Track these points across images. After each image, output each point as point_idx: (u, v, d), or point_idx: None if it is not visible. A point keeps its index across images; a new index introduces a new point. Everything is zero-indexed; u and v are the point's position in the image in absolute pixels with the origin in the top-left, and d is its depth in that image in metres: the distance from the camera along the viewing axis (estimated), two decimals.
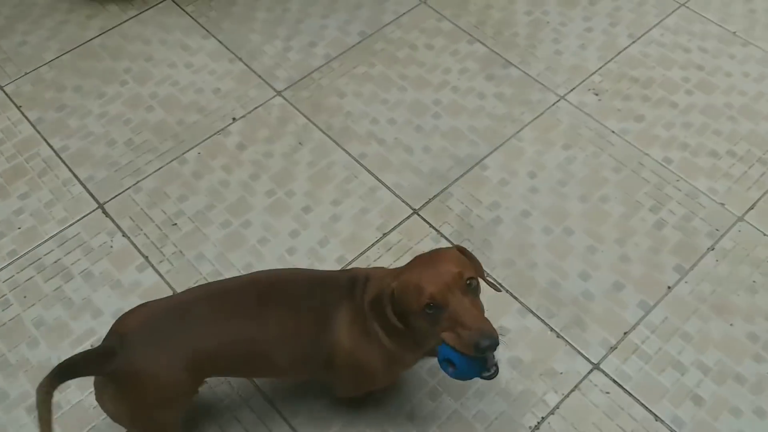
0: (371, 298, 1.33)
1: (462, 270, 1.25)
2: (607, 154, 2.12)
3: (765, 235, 1.95)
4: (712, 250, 1.93)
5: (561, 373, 1.74)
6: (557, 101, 2.25)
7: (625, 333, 1.79)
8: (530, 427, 1.66)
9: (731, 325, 1.80)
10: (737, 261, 1.90)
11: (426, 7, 2.51)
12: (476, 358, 1.24)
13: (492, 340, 1.19)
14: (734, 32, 2.40)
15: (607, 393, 1.70)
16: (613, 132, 2.17)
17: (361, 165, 2.12)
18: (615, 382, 1.72)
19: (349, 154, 2.15)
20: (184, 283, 1.88)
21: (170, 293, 1.86)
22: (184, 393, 1.40)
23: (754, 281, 1.87)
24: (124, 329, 1.35)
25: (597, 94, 2.26)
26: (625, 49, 2.37)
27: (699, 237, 1.95)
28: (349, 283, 1.41)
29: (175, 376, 1.34)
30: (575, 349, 1.76)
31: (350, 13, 2.50)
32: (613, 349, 1.77)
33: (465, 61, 2.35)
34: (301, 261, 1.92)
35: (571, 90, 2.27)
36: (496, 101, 2.25)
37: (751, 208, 2.00)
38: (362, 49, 2.40)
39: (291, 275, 1.49)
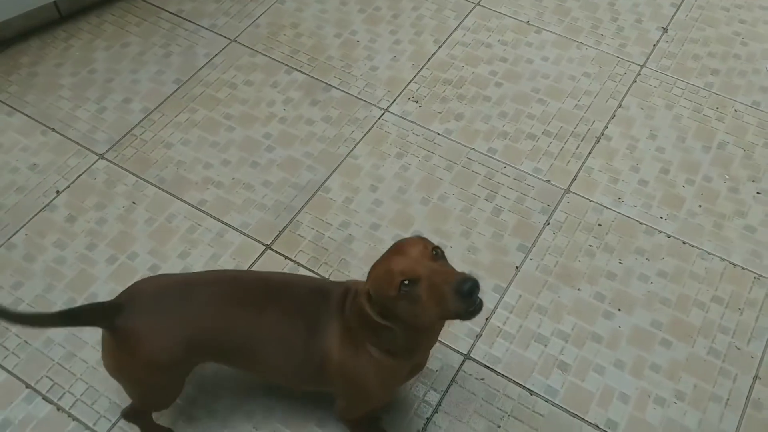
0: (354, 309, 1.34)
1: (425, 242, 1.28)
2: (438, 156, 2.21)
3: (590, 201, 2.11)
4: (548, 224, 2.06)
5: (436, 371, 1.79)
6: (382, 114, 2.32)
7: (486, 319, 1.88)
8: (418, 431, 1.70)
9: (578, 290, 1.94)
10: (572, 230, 2.05)
11: (237, 45, 2.51)
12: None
13: (471, 281, 1.17)
14: (527, 21, 2.59)
15: (482, 379, 1.77)
16: (438, 134, 2.27)
17: (203, 212, 2.08)
18: (487, 367, 1.80)
19: (189, 204, 2.10)
20: (35, 372, 1.75)
21: (23, 388, 1.73)
22: (176, 366, 1.46)
23: (590, 245, 2.02)
24: (136, 291, 1.44)
25: (417, 102, 2.36)
26: (433, 54, 2.49)
27: (534, 215, 2.08)
28: (341, 296, 1.42)
29: (171, 346, 1.40)
30: (445, 344, 1.82)
31: (160, 64, 2.45)
32: (479, 336, 1.85)
33: (287, 91, 2.38)
34: None
35: (393, 102, 2.35)
36: (325, 125, 2.29)
37: (574, 179, 2.16)
38: (180, 96, 2.36)
39: (300, 281, 1.55)
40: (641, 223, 2.06)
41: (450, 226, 2.06)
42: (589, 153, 2.22)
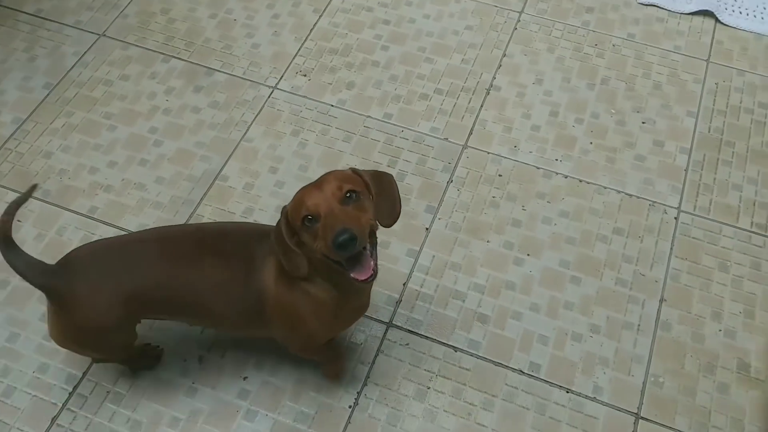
0: (275, 230, 1.37)
1: (341, 183, 1.29)
2: (335, 128, 2.18)
3: (488, 153, 2.14)
4: (451, 182, 2.08)
5: (361, 344, 1.78)
6: (271, 93, 2.26)
7: (404, 284, 1.88)
8: (350, 406, 1.69)
9: (488, 241, 1.97)
10: (474, 184, 2.07)
11: (106, 39, 2.38)
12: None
13: (346, 233, 1.20)
14: None
15: (407, 344, 1.79)
16: (332, 106, 2.24)
17: (95, 219, 1.98)
18: (410, 331, 1.81)
19: (78, 213, 1.99)
20: None
21: None
22: (119, 326, 1.47)
23: (493, 197, 2.05)
24: (72, 257, 1.44)
25: (305, 75, 2.31)
26: (315, 24, 2.44)
27: (437, 175, 2.09)
28: None
29: (111, 307, 1.41)
30: (367, 316, 1.82)
31: (26, 69, 2.29)
32: (398, 303, 1.85)
33: (167, 81, 2.28)
34: None
35: (281, 78, 2.29)
36: (213, 110, 2.21)
37: (470, 133, 2.18)
38: (53, 101, 2.22)
39: (235, 227, 1.59)
40: (538, 168, 2.11)
41: None
42: (482, 105, 2.24)
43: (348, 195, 1.28)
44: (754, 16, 2.46)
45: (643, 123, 2.20)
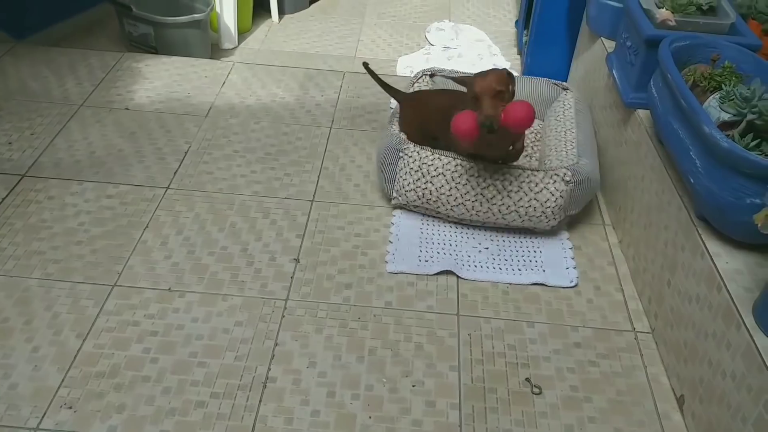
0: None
1: (495, 84, 2.42)
2: None
3: None
4: None
5: None
6: None
7: None
8: None
9: None
10: None
11: None
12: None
13: (488, 120, 2.41)
14: (169, 289, 2.64)
15: None
16: None
17: None
18: None
19: None
20: None
21: None
22: None
23: None
24: None
25: (71, 407, 2.20)
26: (79, 350, 2.39)
27: None
28: None
29: None
30: None
31: None
32: None
33: None
34: None
35: (43, 416, 2.17)
36: None
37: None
38: None
39: None
40: None
41: None
42: (260, 401, 2.27)
43: (499, 90, 2.43)
44: (487, 268, 2.83)
45: (414, 386, 2.35)
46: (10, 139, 3.41)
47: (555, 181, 2.86)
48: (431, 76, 3.57)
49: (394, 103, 3.87)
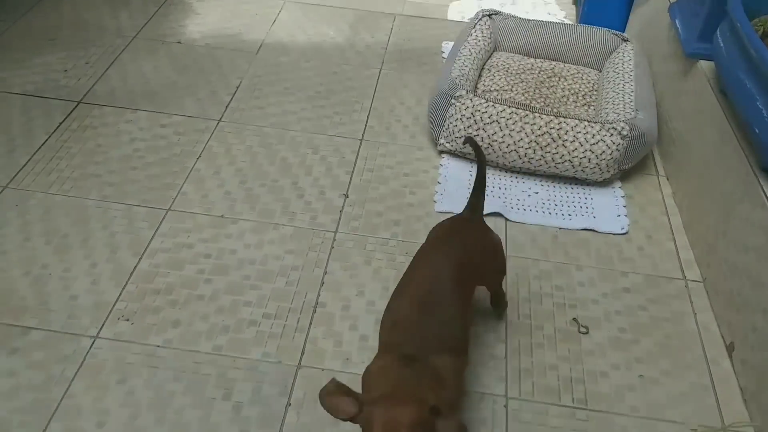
0: None
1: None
2: (162, 369, 2.13)
3: (323, 369, 2.17)
4: (290, 405, 2.07)
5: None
6: (93, 342, 2.19)
7: None
8: None
9: None
10: (313, 405, 2.07)
11: None
12: None
13: None
14: (222, 215, 2.69)
15: None
16: (158, 346, 2.20)
17: None
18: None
19: None
20: None
21: None
22: None
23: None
24: None
25: (128, 320, 2.27)
26: (135, 267, 2.45)
27: (274, 401, 2.07)
28: None
29: None
30: None
31: None
32: None
33: None
34: None
35: (102, 326, 2.24)
36: (30, 372, 2.09)
37: (302, 353, 2.22)
38: None
39: None
40: None
41: None
42: (310, 323, 2.31)
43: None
44: (536, 212, 2.82)
45: None
46: (66, 67, 3.45)
47: (612, 135, 2.82)
48: (490, 16, 3.51)
49: (446, 48, 3.84)
